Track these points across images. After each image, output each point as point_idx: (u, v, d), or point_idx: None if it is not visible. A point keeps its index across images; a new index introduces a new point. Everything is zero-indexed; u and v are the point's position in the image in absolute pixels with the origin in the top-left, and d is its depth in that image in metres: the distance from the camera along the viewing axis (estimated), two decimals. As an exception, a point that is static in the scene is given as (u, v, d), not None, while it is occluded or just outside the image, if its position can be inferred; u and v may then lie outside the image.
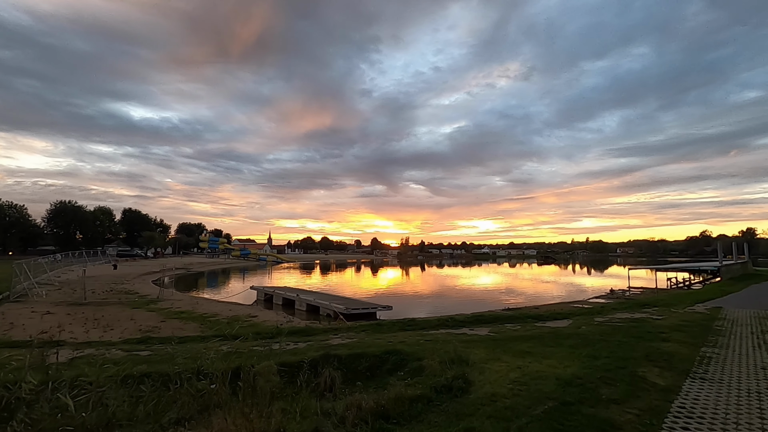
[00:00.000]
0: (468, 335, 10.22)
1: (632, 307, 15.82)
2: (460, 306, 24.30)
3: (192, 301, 21.45)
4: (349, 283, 44.94)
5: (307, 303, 19.94)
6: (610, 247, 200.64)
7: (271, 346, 8.79)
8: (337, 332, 11.11)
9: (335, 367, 7.06)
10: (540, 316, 13.72)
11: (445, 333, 10.63)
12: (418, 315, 19.15)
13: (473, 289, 36.82)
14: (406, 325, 12.04)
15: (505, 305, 21.98)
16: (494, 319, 12.98)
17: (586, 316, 13.51)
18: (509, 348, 8.02)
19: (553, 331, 10.51)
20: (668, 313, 13.86)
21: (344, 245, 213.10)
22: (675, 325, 11.20)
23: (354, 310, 17.56)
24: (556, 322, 12.66)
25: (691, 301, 17.55)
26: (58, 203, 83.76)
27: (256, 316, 16.74)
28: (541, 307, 20.40)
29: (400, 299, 28.50)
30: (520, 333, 10.36)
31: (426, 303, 26.34)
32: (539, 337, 9.46)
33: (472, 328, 11.69)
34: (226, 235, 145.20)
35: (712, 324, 11.52)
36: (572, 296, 30.36)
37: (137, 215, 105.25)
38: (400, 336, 10.14)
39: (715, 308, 15.33)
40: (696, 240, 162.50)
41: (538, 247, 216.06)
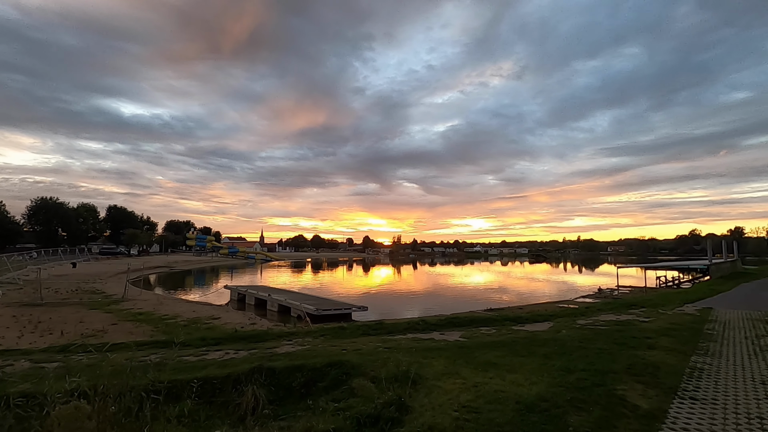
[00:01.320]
0: (435, 341, 9.20)
1: (619, 308, 14.92)
2: (443, 306, 23.35)
3: (158, 301, 20.23)
4: (337, 281, 43.80)
5: (279, 303, 18.83)
6: (602, 246, 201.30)
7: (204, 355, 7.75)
8: (293, 337, 10.03)
9: (265, 383, 6.01)
10: (520, 317, 12.75)
11: (410, 338, 9.60)
12: (395, 316, 18.19)
13: (461, 288, 35.90)
14: (371, 328, 10.99)
15: (489, 305, 21.03)
16: (470, 321, 11.98)
17: (569, 318, 12.56)
18: (474, 358, 7.00)
19: (530, 336, 9.52)
20: (656, 315, 12.96)
21: (336, 243, 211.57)
22: (663, 328, 10.28)
23: (325, 311, 16.48)
24: (536, 324, 11.69)
25: (680, 301, 16.72)
26: (39, 199, 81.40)
27: (218, 318, 15.59)
28: (525, 308, 19.49)
29: (382, 299, 27.48)
30: (493, 338, 9.36)
31: (408, 303, 25.34)
32: (512, 343, 8.46)
33: (443, 332, 10.67)
34: (215, 233, 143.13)
35: (702, 327, 10.62)
36: (561, 295, 29.56)
37: (123, 212, 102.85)
38: (359, 342, 9.09)
39: (706, 309, 14.48)
40: (685, 239, 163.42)
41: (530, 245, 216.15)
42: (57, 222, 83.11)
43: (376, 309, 22.43)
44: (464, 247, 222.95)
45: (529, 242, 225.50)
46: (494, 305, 21.18)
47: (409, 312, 20.46)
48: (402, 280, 46.49)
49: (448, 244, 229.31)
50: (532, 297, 27.67)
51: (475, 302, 23.91)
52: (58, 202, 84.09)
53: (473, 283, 42.30)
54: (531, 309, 18.49)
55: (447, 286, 38.49)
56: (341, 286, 36.71)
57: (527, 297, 27.71)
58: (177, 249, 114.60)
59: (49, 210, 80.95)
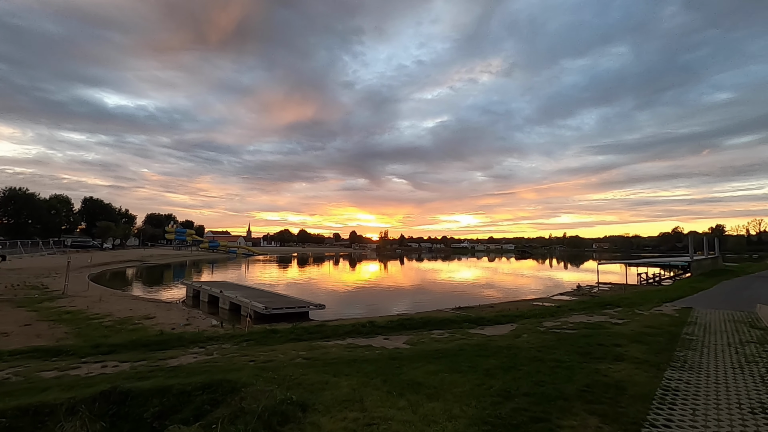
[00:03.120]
0: (371, 348, 7.81)
1: (592, 308, 13.72)
2: (415, 303, 22.03)
3: (99, 298, 18.46)
4: (317, 276, 42.19)
5: (230, 301, 17.26)
6: (587, 243, 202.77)
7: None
8: (211, 343, 8.54)
9: (108, 413, 4.53)
10: (482, 319, 11.44)
11: (344, 345, 8.19)
12: (357, 314, 16.82)
13: (440, 284, 34.64)
14: (308, 332, 9.54)
15: (463, 302, 19.72)
16: (423, 323, 10.61)
17: (535, 320, 11.29)
18: (398, 375, 5.60)
19: (483, 342, 8.18)
20: (631, 316, 11.77)
21: (322, 238, 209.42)
22: (636, 332, 9.03)
23: (276, 309, 14.98)
24: (497, 327, 10.39)
25: (658, 300, 15.62)
26: (7, 190, 78.09)
27: (152, 318, 13.98)
28: (496, 306, 18.23)
29: (353, 295, 26.04)
30: (440, 345, 8.00)
31: (380, 300, 23.93)
32: (457, 353, 7.10)
33: (389, 336, 9.30)
34: (198, 227, 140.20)
35: (680, 331, 9.41)
36: (539, 291, 28.50)
37: (99, 204, 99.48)
38: (280, 350, 7.65)
39: (685, 309, 13.36)
40: (668, 236, 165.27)
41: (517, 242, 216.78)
42: (27, 214, 79.82)
43: (342, 306, 21.04)
44: (451, 243, 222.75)
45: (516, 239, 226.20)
46: (467, 302, 19.91)
47: (377, 310, 19.08)
48: (383, 276, 45.13)
49: (436, 240, 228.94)
50: (511, 293, 26.51)
51: (449, 299, 22.63)
52: (28, 193, 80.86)
53: (454, 279, 41.11)
54: (502, 308, 17.24)
55: (427, 282, 37.22)
56: (319, 281, 35.19)
57: (505, 293, 26.55)
58: (157, 243, 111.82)
59: (18, 201, 77.66)
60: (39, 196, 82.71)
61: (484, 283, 36.21)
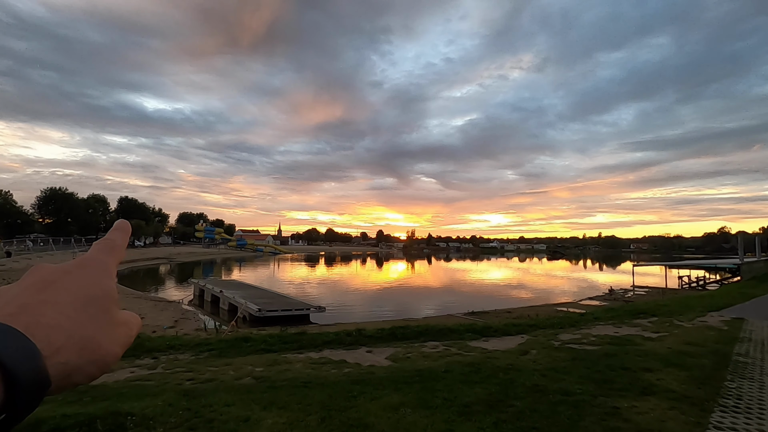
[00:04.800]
0: (344, 364, 6.57)
1: (622, 317, 11.93)
2: (429, 306, 20.72)
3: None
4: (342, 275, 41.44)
5: (229, 302, 16.48)
6: (624, 243, 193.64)
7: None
8: (164, 354, 7.55)
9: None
10: (488, 328, 9.96)
11: (315, 359, 6.99)
12: (358, 318, 15.65)
13: (462, 285, 32.97)
14: (282, 340, 8.41)
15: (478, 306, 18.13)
16: (418, 333, 9.27)
17: (551, 330, 9.71)
18: (347, 410, 4.34)
19: (479, 360, 6.78)
20: (668, 328, 9.97)
21: (349, 237, 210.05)
22: (673, 352, 7.36)
23: (270, 312, 14.01)
24: (504, 339, 8.91)
25: (703, 308, 13.57)
26: (48, 190, 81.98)
27: (141, 318, 13.28)
28: (514, 311, 16.60)
29: (369, 296, 24.88)
30: (425, 363, 6.66)
31: (392, 301, 22.66)
32: (439, 376, 5.76)
33: (373, 347, 8.02)
34: (228, 225, 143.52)
35: (731, 350, 7.64)
36: (571, 293, 26.51)
37: (134, 204, 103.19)
38: (235, 365, 6.53)
39: (736, 320, 11.36)
40: (714, 236, 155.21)
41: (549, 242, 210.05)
42: (66, 213, 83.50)
43: (349, 308, 19.97)
44: (480, 242, 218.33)
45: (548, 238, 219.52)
46: (488, 304, 18.38)
47: (383, 313, 17.85)
48: (407, 276, 43.82)
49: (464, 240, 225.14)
50: (536, 296, 24.64)
51: (467, 302, 21.05)
52: (67, 192, 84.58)
53: (478, 280, 39.28)
54: (519, 313, 15.62)
55: (449, 282, 35.64)
56: (342, 281, 34.30)
57: (530, 296, 24.71)
58: (189, 241, 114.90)
59: (58, 200, 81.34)
60: (77, 195, 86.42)
61: (509, 284, 34.27)
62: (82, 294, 0.34)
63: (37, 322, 0.29)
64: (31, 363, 0.27)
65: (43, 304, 0.31)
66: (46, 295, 0.32)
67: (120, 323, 0.36)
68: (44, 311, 0.31)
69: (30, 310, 0.30)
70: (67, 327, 0.31)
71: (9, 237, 75.43)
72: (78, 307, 0.32)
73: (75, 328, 0.31)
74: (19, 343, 0.27)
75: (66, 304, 0.32)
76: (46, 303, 0.31)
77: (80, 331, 0.31)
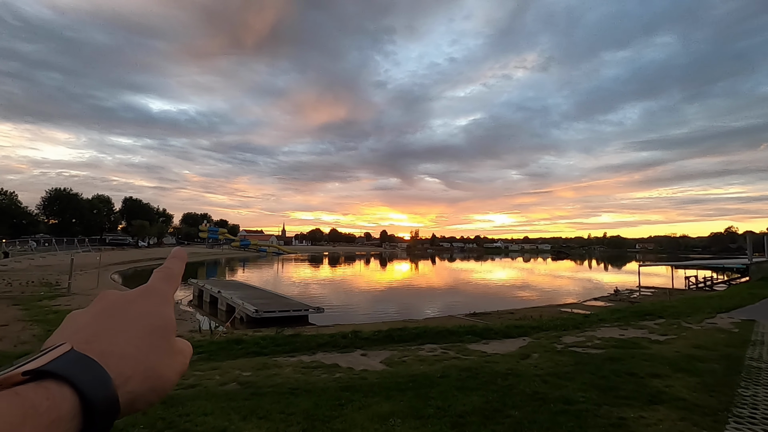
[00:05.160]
0: (336, 368, 6.29)
1: (628, 318, 11.57)
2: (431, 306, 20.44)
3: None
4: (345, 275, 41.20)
5: (227, 302, 16.25)
6: (629, 243, 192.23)
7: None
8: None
9: None
10: (489, 330, 9.64)
11: (307, 362, 6.71)
12: (359, 319, 15.38)
13: (465, 286, 32.61)
14: (275, 342, 8.13)
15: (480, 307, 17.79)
16: (416, 335, 8.97)
17: (554, 333, 9.38)
18: (332, 421, 4.06)
19: (477, 365, 6.47)
20: (676, 330, 9.62)
21: (353, 237, 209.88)
22: (682, 356, 7.01)
23: (267, 313, 13.75)
24: (505, 342, 8.59)
25: (711, 309, 13.19)
26: (53, 191, 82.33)
27: (136, 320, 13.10)
28: (517, 311, 16.25)
29: (365, 296, 24.58)
30: (420, 368, 6.37)
31: (393, 302, 22.35)
32: (434, 382, 5.46)
33: (368, 350, 7.73)
34: (232, 226, 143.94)
35: (743, 354, 7.29)
36: (576, 293, 26.15)
37: (138, 204, 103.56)
38: (222, 369, 6.27)
39: (746, 322, 10.98)
40: (720, 236, 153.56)
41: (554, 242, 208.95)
42: (71, 213, 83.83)
43: (350, 308, 19.70)
44: (484, 242, 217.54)
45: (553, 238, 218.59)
46: (486, 307, 17.99)
47: (384, 314, 17.57)
48: (409, 276, 43.49)
49: (468, 240, 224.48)
50: (540, 297, 24.26)
51: (469, 302, 20.68)
52: (71, 193, 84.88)
53: (482, 280, 38.89)
54: (523, 314, 15.26)
55: (452, 283, 35.27)
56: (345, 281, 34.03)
57: (534, 297, 24.34)
58: (193, 241, 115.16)
59: (63, 201, 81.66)
60: (81, 196, 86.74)
61: (512, 285, 33.88)
62: (146, 323, 0.35)
63: (110, 351, 0.31)
64: (106, 392, 0.29)
65: (113, 333, 0.33)
66: (115, 323, 0.34)
67: (177, 351, 0.38)
68: (115, 340, 0.32)
69: (102, 338, 0.32)
70: (135, 357, 0.32)
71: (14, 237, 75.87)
72: (143, 337, 0.34)
73: (141, 358, 0.33)
74: (96, 373, 0.29)
75: (133, 333, 0.34)
76: (116, 332, 0.33)
77: (145, 361, 0.33)
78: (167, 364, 0.35)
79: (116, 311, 0.35)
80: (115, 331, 0.33)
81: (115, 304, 0.36)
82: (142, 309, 0.36)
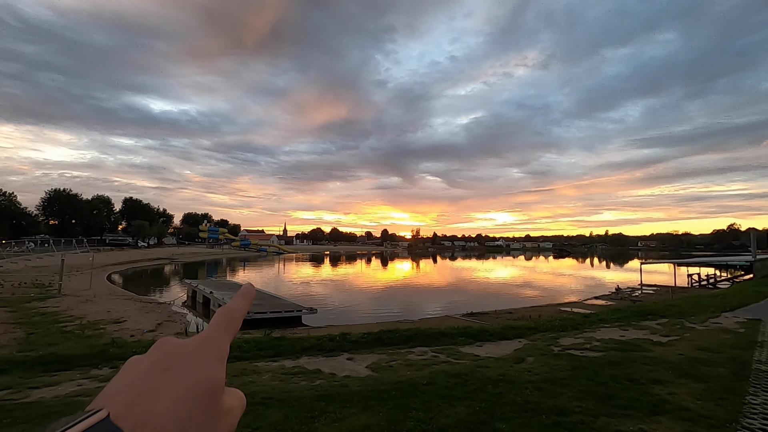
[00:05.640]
0: (318, 374, 5.92)
1: (629, 317, 11.17)
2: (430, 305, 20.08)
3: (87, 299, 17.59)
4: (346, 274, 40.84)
5: (219, 303, 15.91)
6: (631, 241, 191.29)
7: None
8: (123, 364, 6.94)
9: None
10: (484, 332, 9.26)
11: (288, 368, 6.35)
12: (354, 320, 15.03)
13: (467, 284, 32.19)
14: (257, 346, 7.77)
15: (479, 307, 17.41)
16: (408, 338, 8.58)
17: (552, 334, 8.99)
18: None
19: (468, 370, 6.09)
20: (679, 331, 9.22)
21: (354, 237, 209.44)
22: (686, 359, 6.63)
23: (258, 314, 13.38)
24: (500, 344, 8.21)
25: (715, 308, 12.78)
26: (53, 191, 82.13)
27: (123, 321, 12.71)
28: (516, 311, 15.87)
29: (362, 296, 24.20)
30: (407, 373, 5.99)
31: (385, 302, 21.98)
32: (418, 390, 5.09)
33: (356, 354, 7.37)
34: (233, 225, 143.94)
35: (750, 357, 6.89)
36: (578, 291, 25.75)
37: (138, 204, 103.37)
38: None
39: (752, 322, 10.58)
40: (723, 234, 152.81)
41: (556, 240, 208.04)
42: (70, 214, 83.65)
43: (346, 308, 19.36)
44: (485, 241, 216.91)
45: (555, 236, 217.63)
46: (486, 306, 17.60)
47: (379, 313, 17.21)
48: (409, 275, 43.10)
49: (470, 238, 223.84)
50: (541, 296, 23.86)
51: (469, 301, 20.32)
52: (71, 194, 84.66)
53: (483, 278, 38.46)
54: (521, 314, 14.89)
55: (452, 281, 34.89)
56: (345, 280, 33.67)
57: (535, 295, 23.93)
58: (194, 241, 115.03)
59: (62, 201, 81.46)
60: (81, 196, 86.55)
61: (513, 283, 33.47)
62: (194, 383, 0.34)
63: (146, 421, 0.30)
64: None
65: (157, 395, 0.32)
66: (162, 381, 0.33)
67: (223, 413, 0.36)
68: (156, 406, 0.31)
69: (144, 402, 0.31)
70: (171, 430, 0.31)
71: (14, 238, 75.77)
72: (187, 400, 0.33)
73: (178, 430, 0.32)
74: None
75: (177, 395, 0.33)
76: (161, 393, 0.32)
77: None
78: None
79: (168, 365, 0.34)
80: (160, 392, 0.32)
81: (170, 355, 0.35)
82: (194, 368, 0.34)
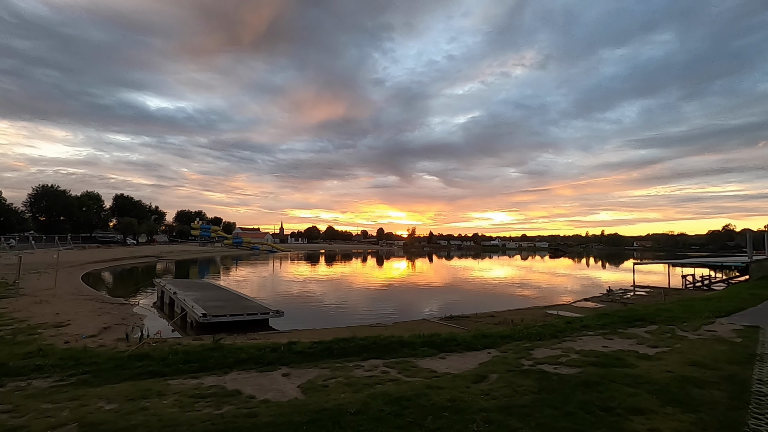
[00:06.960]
0: (230, 399, 4.91)
1: (616, 324, 10.20)
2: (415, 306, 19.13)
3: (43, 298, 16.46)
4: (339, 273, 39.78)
5: (182, 304, 14.82)
6: (627, 241, 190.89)
7: None
8: (19, 380, 5.91)
9: None
10: (451, 340, 8.24)
11: (204, 387, 5.33)
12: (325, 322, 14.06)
13: (458, 283, 31.19)
14: (181, 360, 6.71)
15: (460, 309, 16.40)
16: (362, 348, 7.55)
17: (526, 344, 8.00)
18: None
19: (414, 393, 5.08)
20: (670, 341, 8.26)
21: (350, 235, 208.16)
22: (675, 378, 5.64)
23: (217, 317, 12.32)
24: (465, 356, 7.22)
25: (710, 313, 11.85)
26: (40, 187, 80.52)
27: (65, 325, 11.59)
28: (498, 315, 14.88)
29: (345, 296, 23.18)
30: (341, 397, 4.99)
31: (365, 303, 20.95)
32: (340, 423, 4.08)
33: (294, 368, 6.35)
34: (227, 223, 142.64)
35: (749, 375, 5.92)
36: (567, 293, 24.82)
37: (129, 201, 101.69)
38: (86, 398, 4.87)
39: (750, 329, 9.63)
40: (718, 234, 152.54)
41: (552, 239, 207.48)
42: (58, 211, 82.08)
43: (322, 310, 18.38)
44: (481, 240, 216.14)
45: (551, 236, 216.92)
46: (470, 308, 16.60)
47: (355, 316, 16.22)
48: (400, 275, 42.06)
49: (466, 238, 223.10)
50: (531, 296, 22.98)
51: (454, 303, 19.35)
52: (59, 190, 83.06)
53: (475, 278, 37.51)
54: (504, 317, 13.92)
55: (443, 281, 33.95)
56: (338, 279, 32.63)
57: (524, 297, 23.02)
58: (186, 239, 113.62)
59: (50, 198, 79.89)
60: (70, 193, 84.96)
61: (505, 283, 32.60)
62: None
63: None
64: None
65: None
66: None
67: None
68: None
69: None
70: None
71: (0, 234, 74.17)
72: None
73: None
74: None
75: None
76: None
77: None
78: None
79: None
80: None
81: None
82: None
